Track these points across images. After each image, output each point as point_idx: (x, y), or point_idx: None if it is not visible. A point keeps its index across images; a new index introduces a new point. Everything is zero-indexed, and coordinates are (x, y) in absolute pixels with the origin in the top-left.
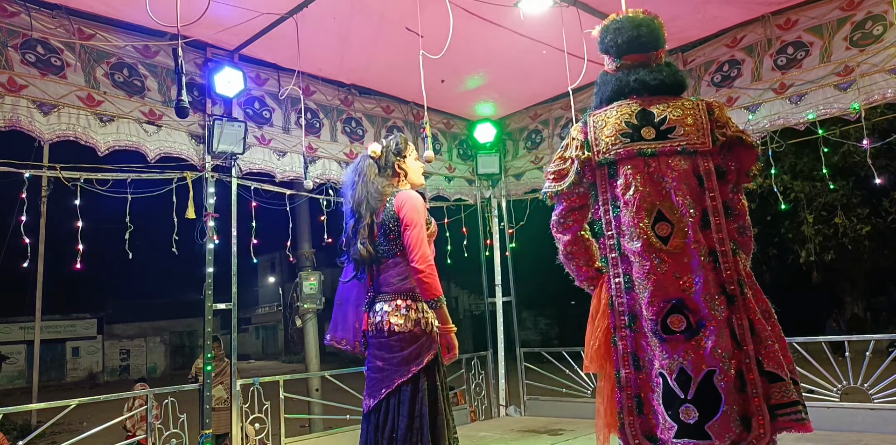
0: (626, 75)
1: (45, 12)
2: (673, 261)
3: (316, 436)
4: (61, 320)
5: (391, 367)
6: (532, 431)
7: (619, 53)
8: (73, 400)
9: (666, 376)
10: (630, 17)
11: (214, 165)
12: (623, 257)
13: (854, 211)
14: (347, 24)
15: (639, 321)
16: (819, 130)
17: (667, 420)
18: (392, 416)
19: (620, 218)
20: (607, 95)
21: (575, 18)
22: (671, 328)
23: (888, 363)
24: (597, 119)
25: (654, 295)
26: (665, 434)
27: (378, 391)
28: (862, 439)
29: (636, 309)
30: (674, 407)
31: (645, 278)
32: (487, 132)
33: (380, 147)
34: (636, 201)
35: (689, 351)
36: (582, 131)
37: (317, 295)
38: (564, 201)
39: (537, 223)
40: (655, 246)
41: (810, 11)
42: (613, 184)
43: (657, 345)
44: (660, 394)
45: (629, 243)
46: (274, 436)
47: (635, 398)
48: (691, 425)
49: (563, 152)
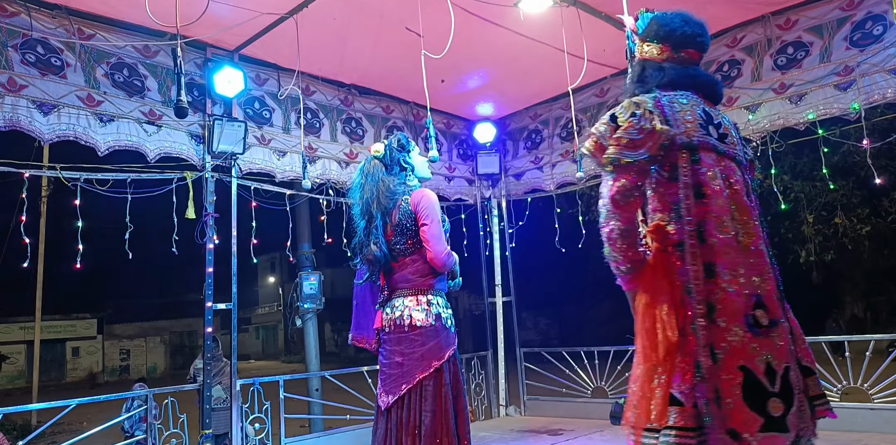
0: (684, 68)
1: (45, 12)
2: (749, 258)
3: (316, 436)
4: (61, 320)
5: (411, 362)
6: (532, 431)
7: (681, 44)
8: (73, 400)
9: (750, 369)
10: (689, 13)
11: (214, 165)
12: (705, 246)
13: (854, 211)
14: (347, 24)
15: (716, 312)
16: (819, 130)
17: (749, 414)
18: (414, 412)
19: (707, 206)
20: (665, 81)
21: (575, 18)
22: (760, 322)
23: (888, 363)
24: (671, 100)
25: (743, 288)
26: (745, 427)
27: (397, 386)
28: (862, 439)
29: (714, 300)
30: (760, 401)
31: (732, 270)
32: (487, 132)
33: (382, 146)
34: (720, 194)
35: (772, 346)
36: (657, 105)
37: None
38: (632, 174)
39: (537, 223)
40: (738, 240)
41: (810, 11)
42: (697, 170)
43: (747, 338)
44: (739, 387)
45: (716, 233)
46: (274, 436)
47: (715, 390)
48: (777, 418)
49: (638, 123)
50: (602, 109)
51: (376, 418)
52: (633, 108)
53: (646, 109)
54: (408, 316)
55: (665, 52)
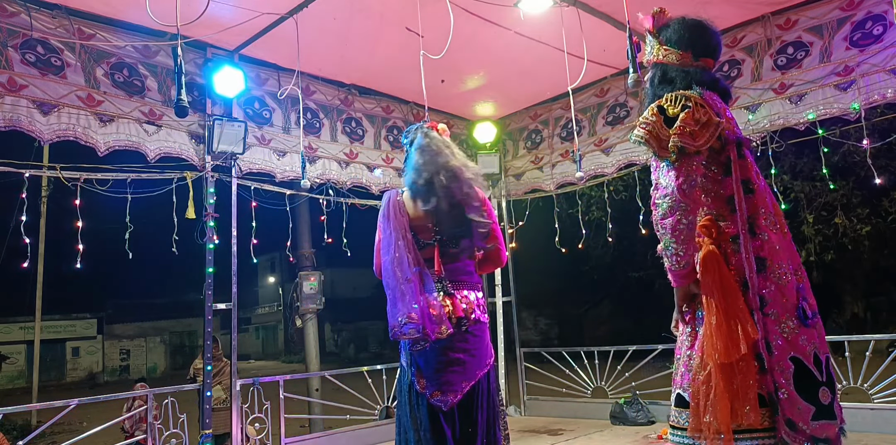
0: (706, 74)
1: (45, 12)
2: (790, 251)
3: (316, 436)
4: (61, 320)
5: (472, 359)
6: (532, 431)
7: (703, 53)
8: (73, 400)
9: (802, 360)
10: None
11: (214, 165)
12: (756, 239)
13: (854, 211)
14: (347, 24)
15: (767, 304)
16: (819, 130)
17: (801, 403)
18: (471, 412)
19: (755, 200)
20: (685, 84)
21: (575, 18)
22: (807, 314)
23: (888, 363)
24: (711, 97)
25: (790, 280)
26: (800, 416)
27: (459, 385)
28: (862, 439)
29: (766, 293)
30: (812, 390)
31: (778, 263)
32: (487, 132)
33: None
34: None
35: (816, 336)
36: (705, 102)
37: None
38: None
39: (537, 223)
40: (781, 234)
41: (810, 11)
42: (744, 165)
43: (797, 329)
44: (791, 378)
45: (765, 227)
46: (274, 436)
47: (775, 382)
48: (826, 406)
49: (693, 115)
50: (602, 109)
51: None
52: (683, 100)
53: (696, 103)
54: (472, 311)
55: (685, 58)
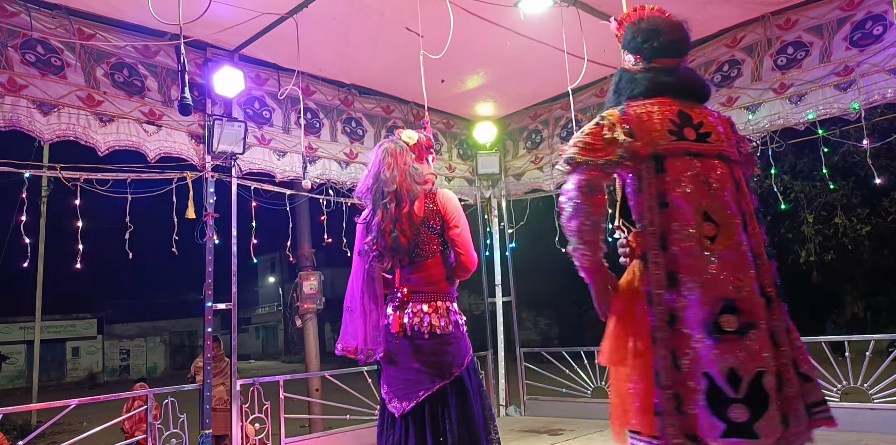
0: (656, 76)
1: (45, 12)
2: (721, 262)
3: (316, 436)
4: (61, 320)
5: (430, 369)
6: (532, 431)
7: (652, 56)
8: (73, 400)
9: (713, 376)
10: (663, 18)
11: (214, 165)
12: (667, 255)
13: (854, 211)
14: (347, 24)
15: (679, 320)
16: (819, 130)
17: (712, 419)
18: (436, 421)
19: (669, 214)
20: (637, 92)
21: (575, 18)
22: (723, 328)
23: (888, 363)
24: (638, 111)
25: (706, 295)
26: (708, 433)
27: (414, 392)
28: (862, 439)
29: (677, 308)
30: (722, 407)
31: (695, 277)
32: (487, 132)
33: (416, 134)
34: (686, 200)
35: (740, 351)
36: (622, 119)
37: (317, 295)
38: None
39: (537, 223)
40: (705, 245)
41: (810, 11)
42: (661, 179)
43: (708, 345)
44: (703, 394)
45: (678, 241)
46: (274, 436)
47: (674, 397)
48: (741, 424)
49: (601, 132)
50: (602, 108)
51: (384, 425)
52: (599, 120)
53: (611, 123)
54: (427, 323)
55: (640, 62)
